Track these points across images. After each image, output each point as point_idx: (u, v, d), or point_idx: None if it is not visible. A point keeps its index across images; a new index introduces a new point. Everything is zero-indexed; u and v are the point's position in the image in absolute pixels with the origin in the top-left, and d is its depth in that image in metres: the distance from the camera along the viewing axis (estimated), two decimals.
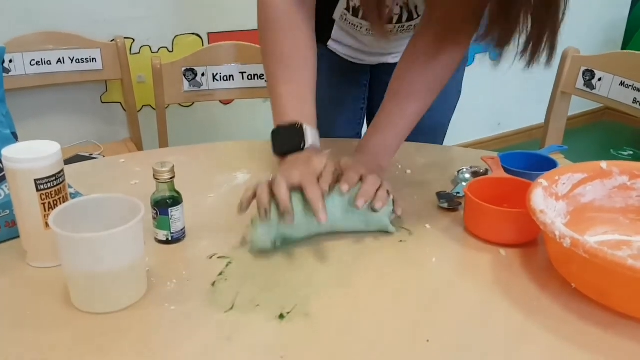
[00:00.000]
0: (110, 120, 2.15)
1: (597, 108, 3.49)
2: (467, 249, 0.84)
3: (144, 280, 0.73)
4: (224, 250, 0.82)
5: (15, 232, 0.80)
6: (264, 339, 0.66)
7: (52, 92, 1.98)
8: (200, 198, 0.97)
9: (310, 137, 0.88)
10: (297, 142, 0.88)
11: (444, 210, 0.94)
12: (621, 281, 0.65)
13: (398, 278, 0.77)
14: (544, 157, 1.02)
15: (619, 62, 1.66)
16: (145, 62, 2.04)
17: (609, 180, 0.86)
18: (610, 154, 3.16)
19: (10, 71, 1.81)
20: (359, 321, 0.69)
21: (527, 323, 0.69)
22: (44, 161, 0.73)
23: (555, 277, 0.76)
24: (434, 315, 0.70)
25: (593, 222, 0.85)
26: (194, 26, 2.17)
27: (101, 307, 0.69)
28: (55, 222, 0.67)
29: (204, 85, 1.84)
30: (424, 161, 1.14)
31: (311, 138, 0.88)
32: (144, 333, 0.66)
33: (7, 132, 0.80)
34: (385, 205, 0.84)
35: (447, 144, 1.38)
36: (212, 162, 1.13)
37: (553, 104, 1.77)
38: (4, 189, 0.80)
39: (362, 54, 1.23)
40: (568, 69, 1.73)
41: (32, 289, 0.74)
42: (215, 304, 0.71)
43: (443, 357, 0.63)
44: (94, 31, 1.96)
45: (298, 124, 0.89)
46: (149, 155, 1.20)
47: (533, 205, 0.75)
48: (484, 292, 0.74)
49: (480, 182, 0.90)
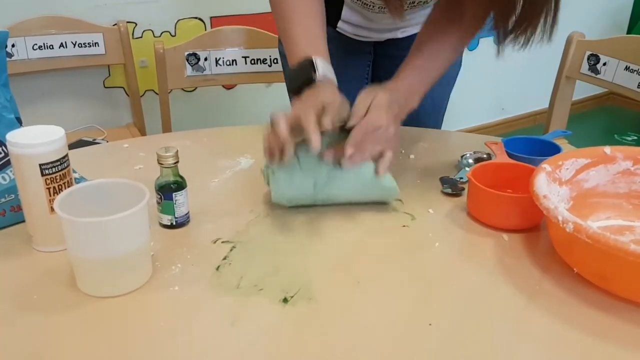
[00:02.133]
0: (113, 105, 2.14)
1: (601, 93, 3.47)
2: (470, 234, 0.85)
3: (148, 264, 0.74)
4: (228, 235, 0.83)
5: (20, 216, 0.80)
6: (268, 323, 0.66)
7: (55, 76, 1.98)
8: (204, 183, 0.97)
9: (321, 67, 0.89)
10: (308, 74, 0.88)
11: (447, 196, 0.94)
12: (623, 266, 0.66)
13: (401, 262, 0.78)
14: (547, 142, 1.02)
15: (624, 46, 1.65)
16: (148, 46, 2.03)
17: (613, 166, 0.86)
18: (614, 139, 3.15)
19: (12, 56, 1.81)
20: (361, 305, 0.69)
21: (529, 307, 0.69)
22: (48, 146, 0.73)
23: (558, 262, 0.76)
24: (436, 299, 0.71)
25: (596, 208, 0.86)
26: (196, 10, 2.16)
27: (106, 291, 0.70)
28: (61, 206, 0.67)
29: (206, 69, 1.84)
30: (427, 146, 1.14)
31: (322, 68, 0.89)
32: (149, 317, 0.67)
33: (11, 116, 0.81)
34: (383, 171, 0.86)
35: (451, 129, 1.38)
36: (216, 147, 1.13)
37: (557, 88, 1.76)
38: (9, 173, 0.80)
39: (371, 32, 1.22)
40: (573, 53, 1.72)
41: (38, 273, 0.74)
42: (220, 288, 0.72)
43: (445, 341, 0.64)
44: (97, 15, 1.95)
45: (309, 57, 0.89)
46: (152, 140, 1.21)
47: (536, 191, 0.75)
48: (486, 277, 0.75)
49: (483, 167, 0.90)
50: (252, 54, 1.82)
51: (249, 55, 1.82)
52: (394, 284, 0.73)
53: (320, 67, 0.89)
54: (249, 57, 1.82)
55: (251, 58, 1.83)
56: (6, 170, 0.80)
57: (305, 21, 0.96)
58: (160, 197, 0.82)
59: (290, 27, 0.96)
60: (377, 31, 1.22)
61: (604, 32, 3.29)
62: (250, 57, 1.82)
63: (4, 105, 0.80)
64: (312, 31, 0.96)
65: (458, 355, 0.62)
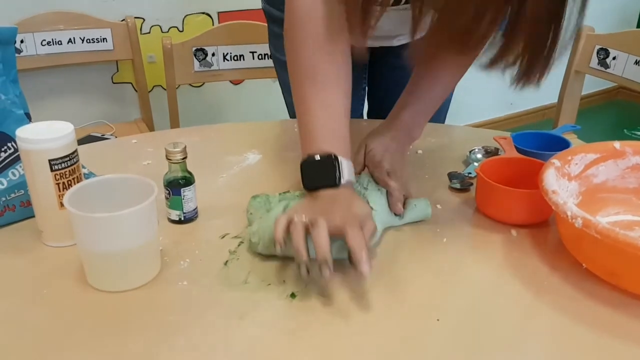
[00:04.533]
0: (121, 101, 2.15)
1: (611, 87, 3.45)
2: (479, 229, 0.84)
3: (157, 259, 0.74)
4: (236, 230, 0.83)
5: (30, 211, 0.81)
6: (276, 318, 0.66)
7: (64, 72, 1.99)
8: (212, 178, 0.98)
9: (347, 172, 0.77)
10: (331, 176, 0.76)
11: (456, 191, 0.94)
12: (633, 261, 0.65)
13: (409, 258, 0.78)
14: (556, 137, 1.01)
15: (633, 40, 1.64)
16: (156, 42, 2.04)
17: (622, 161, 0.85)
18: (624, 134, 3.13)
19: (21, 52, 1.82)
20: (369, 300, 0.69)
21: (537, 302, 0.69)
22: (58, 141, 0.74)
23: (566, 257, 0.76)
24: (444, 295, 0.71)
25: (605, 203, 0.85)
26: (204, 5, 2.16)
27: (116, 286, 0.70)
28: (70, 202, 0.67)
29: (214, 65, 1.84)
30: (435, 141, 1.14)
31: (347, 173, 0.77)
32: (158, 311, 0.68)
33: (20, 112, 0.81)
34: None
35: (459, 123, 1.38)
36: (224, 142, 1.13)
37: (566, 83, 1.75)
38: (19, 169, 0.81)
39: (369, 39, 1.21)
40: (582, 47, 1.71)
41: (48, 267, 0.75)
42: (228, 283, 0.72)
43: (453, 336, 0.64)
44: (105, 11, 1.95)
45: (333, 155, 0.77)
46: (160, 136, 1.21)
47: (545, 186, 0.75)
48: (494, 272, 0.75)
49: (492, 162, 0.90)
50: (260, 49, 1.81)
51: (257, 50, 1.82)
52: (401, 279, 0.73)
53: (346, 171, 0.77)
54: (256, 52, 1.82)
55: (259, 53, 1.83)
56: (16, 166, 0.81)
57: (327, 99, 0.82)
58: (169, 192, 0.82)
59: (309, 108, 0.81)
60: (375, 38, 1.20)
61: (614, 26, 3.26)
62: (258, 52, 1.82)
63: (14, 101, 0.81)
64: (335, 118, 0.81)
65: (466, 351, 0.62)
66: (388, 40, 1.21)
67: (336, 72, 0.83)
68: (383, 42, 1.22)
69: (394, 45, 1.22)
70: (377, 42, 1.22)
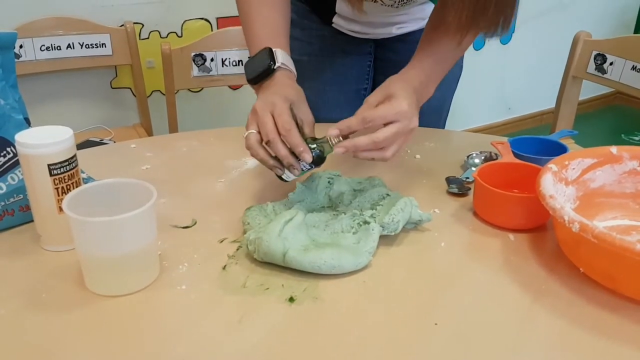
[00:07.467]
0: (120, 106, 2.16)
1: (608, 92, 3.46)
2: (476, 234, 0.85)
3: (156, 263, 0.74)
4: (235, 235, 0.83)
5: (29, 216, 0.81)
6: (274, 322, 0.67)
7: (62, 77, 2.00)
8: (210, 183, 0.98)
9: (280, 57, 0.88)
10: (266, 62, 0.87)
11: (453, 195, 0.95)
12: (629, 266, 0.66)
13: (406, 262, 0.78)
14: (554, 142, 1.02)
15: (631, 46, 1.65)
16: (155, 47, 2.04)
17: (619, 165, 0.86)
18: (621, 139, 3.14)
19: (21, 57, 1.82)
20: (367, 305, 0.69)
21: (535, 307, 0.69)
22: (57, 146, 0.74)
23: (564, 262, 0.76)
24: (442, 299, 0.71)
25: (602, 207, 0.85)
26: (203, 11, 2.17)
27: (114, 290, 0.71)
28: (69, 206, 0.67)
29: (213, 70, 1.85)
30: (433, 146, 1.14)
31: (281, 57, 0.88)
32: (157, 316, 0.68)
33: (20, 117, 0.81)
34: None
35: (457, 128, 1.38)
36: (222, 147, 1.14)
37: (564, 88, 1.76)
38: (18, 173, 0.81)
39: (365, 26, 1.20)
40: (579, 53, 1.72)
41: (47, 272, 0.75)
42: (226, 287, 0.72)
43: (451, 341, 0.64)
44: (104, 16, 1.96)
45: (267, 48, 0.88)
46: (159, 141, 1.21)
47: (542, 190, 0.75)
48: (492, 277, 0.75)
49: (489, 167, 0.90)
50: None
51: None
52: (399, 284, 0.73)
53: (279, 56, 0.87)
54: None
55: None
56: (15, 171, 0.81)
57: (266, 11, 0.94)
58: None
59: (250, 18, 0.94)
60: (372, 26, 1.20)
61: (611, 31, 3.27)
62: None
63: (13, 106, 0.81)
64: (273, 23, 0.94)
65: (464, 355, 0.62)
66: (388, 27, 1.20)
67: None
68: (383, 30, 1.21)
69: (394, 33, 1.21)
70: (377, 29, 1.21)
